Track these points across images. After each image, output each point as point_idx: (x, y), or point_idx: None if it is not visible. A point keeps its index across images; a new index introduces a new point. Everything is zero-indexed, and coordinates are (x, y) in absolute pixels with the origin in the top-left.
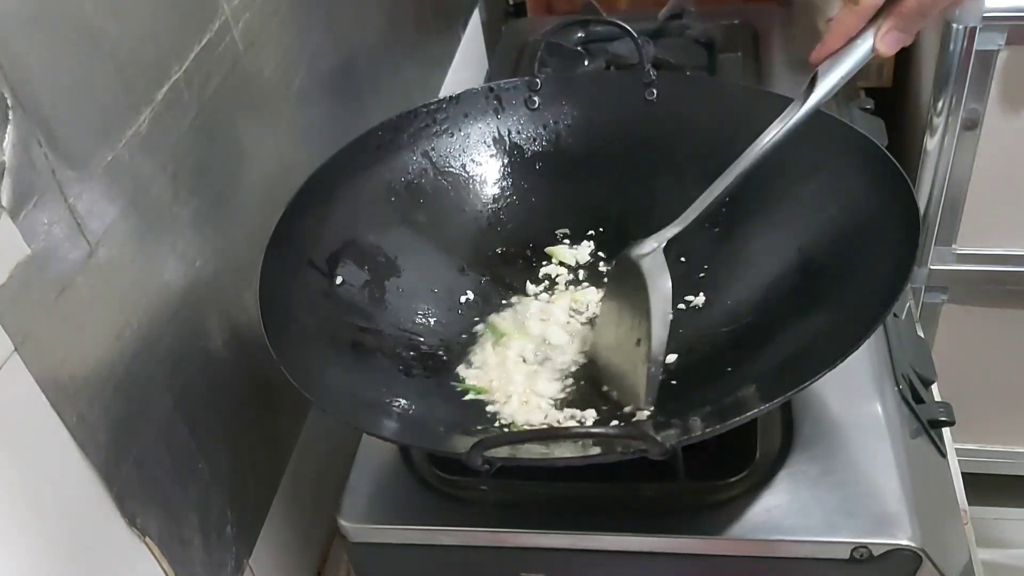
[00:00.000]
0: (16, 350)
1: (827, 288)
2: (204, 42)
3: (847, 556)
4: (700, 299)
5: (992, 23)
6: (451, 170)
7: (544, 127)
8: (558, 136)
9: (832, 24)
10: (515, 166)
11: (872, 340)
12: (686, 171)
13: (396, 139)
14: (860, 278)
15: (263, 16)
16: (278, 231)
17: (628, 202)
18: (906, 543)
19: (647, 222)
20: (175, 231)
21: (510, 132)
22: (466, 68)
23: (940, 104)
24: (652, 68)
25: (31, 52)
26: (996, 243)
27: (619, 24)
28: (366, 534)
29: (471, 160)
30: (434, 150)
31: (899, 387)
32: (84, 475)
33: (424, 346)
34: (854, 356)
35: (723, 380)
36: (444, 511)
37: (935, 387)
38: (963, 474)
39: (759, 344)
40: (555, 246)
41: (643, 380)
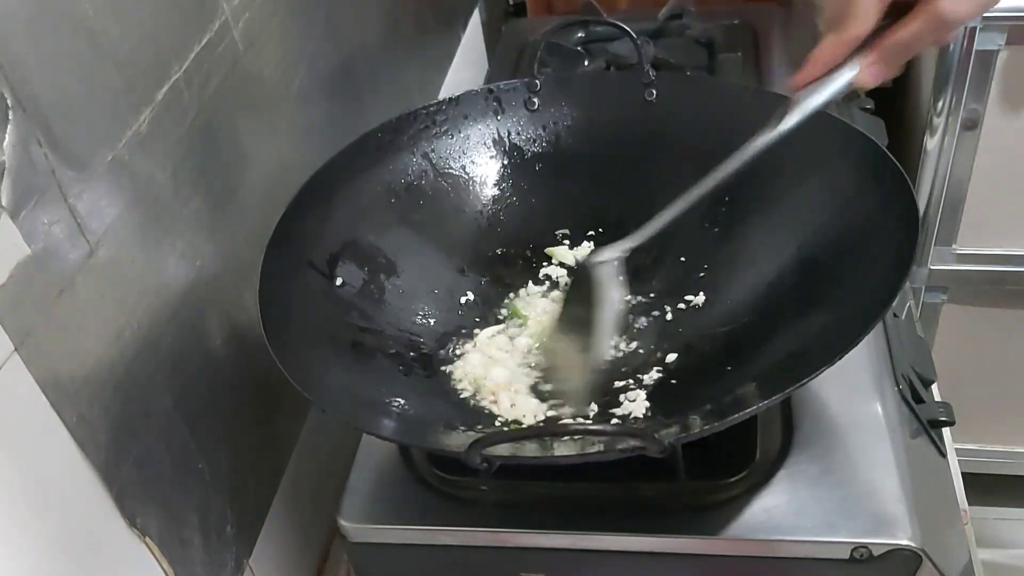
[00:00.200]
0: (16, 350)
1: (826, 287)
2: (204, 42)
3: (847, 556)
4: (700, 299)
5: (992, 23)
6: (451, 171)
7: (544, 128)
8: (558, 137)
9: (815, 52)
10: (515, 167)
11: (872, 340)
12: (686, 171)
13: (396, 140)
14: (859, 277)
15: (263, 16)
16: (278, 231)
17: (628, 202)
18: (906, 543)
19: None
20: (175, 231)
21: (510, 133)
22: (466, 68)
23: (940, 104)
24: (652, 68)
25: (31, 52)
26: (996, 243)
27: (619, 24)
28: (366, 534)
29: (471, 161)
30: (434, 151)
31: (899, 387)
32: (84, 475)
33: (424, 346)
34: (854, 356)
35: (722, 379)
36: (444, 511)
37: (935, 387)
38: (963, 474)
39: (758, 343)
40: (555, 247)
41: (580, 388)
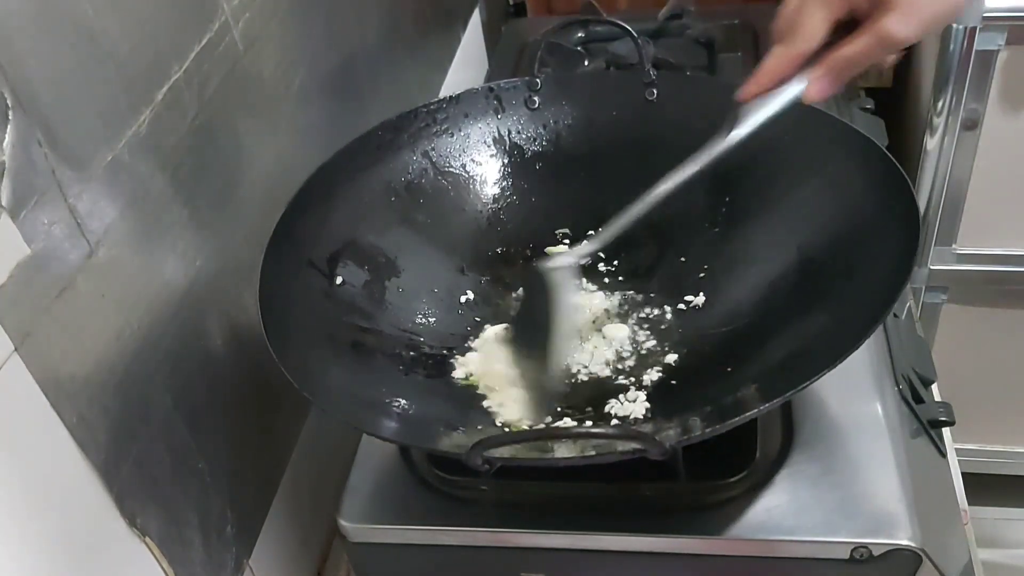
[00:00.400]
0: (16, 350)
1: (827, 288)
2: (204, 42)
3: (847, 556)
4: (700, 299)
5: (992, 23)
6: (451, 170)
7: (544, 127)
8: (558, 136)
9: (764, 65)
10: (515, 166)
11: (872, 340)
12: None
13: (396, 139)
14: (860, 278)
15: (263, 16)
16: (278, 231)
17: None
18: (906, 543)
19: (647, 222)
20: (175, 231)
21: (510, 132)
22: (466, 68)
23: (940, 104)
24: (652, 68)
25: (31, 52)
26: (996, 243)
27: (619, 24)
28: (366, 534)
29: (471, 160)
30: (434, 150)
31: (899, 387)
32: (84, 475)
33: (424, 346)
34: (854, 356)
35: (723, 380)
36: (444, 511)
37: (935, 387)
38: (963, 474)
39: (759, 344)
40: (555, 246)
41: (537, 395)
